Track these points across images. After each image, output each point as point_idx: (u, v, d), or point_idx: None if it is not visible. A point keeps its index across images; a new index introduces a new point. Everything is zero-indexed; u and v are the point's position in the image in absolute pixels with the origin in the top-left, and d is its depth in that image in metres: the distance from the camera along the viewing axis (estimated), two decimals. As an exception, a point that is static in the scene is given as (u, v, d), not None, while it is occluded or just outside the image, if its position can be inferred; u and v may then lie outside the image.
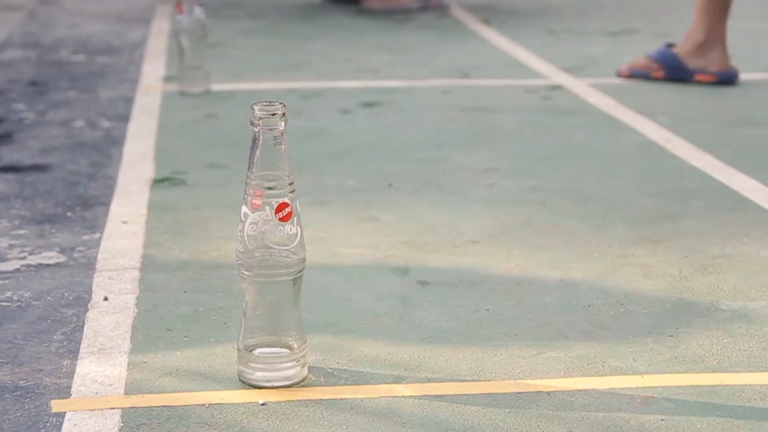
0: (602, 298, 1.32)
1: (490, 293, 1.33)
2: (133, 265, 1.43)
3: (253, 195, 1.06)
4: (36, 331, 1.23)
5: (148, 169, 1.88)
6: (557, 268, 1.43)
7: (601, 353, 1.17)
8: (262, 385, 1.09)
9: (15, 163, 1.94)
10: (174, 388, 1.09)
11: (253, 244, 1.06)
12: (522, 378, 1.11)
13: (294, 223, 1.06)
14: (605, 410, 1.04)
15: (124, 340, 1.20)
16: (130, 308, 1.29)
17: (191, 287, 1.35)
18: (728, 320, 1.26)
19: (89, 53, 3.06)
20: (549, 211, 1.67)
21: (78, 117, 2.30)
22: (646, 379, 1.11)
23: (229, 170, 1.87)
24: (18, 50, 3.09)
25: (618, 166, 1.92)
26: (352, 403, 1.06)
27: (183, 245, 1.50)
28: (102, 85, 2.63)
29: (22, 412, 1.04)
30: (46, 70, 2.80)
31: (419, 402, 1.06)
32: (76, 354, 1.17)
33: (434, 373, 1.12)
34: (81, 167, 1.91)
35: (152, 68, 2.82)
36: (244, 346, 1.09)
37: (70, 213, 1.66)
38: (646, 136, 2.13)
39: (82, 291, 1.35)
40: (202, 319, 1.26)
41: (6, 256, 1.47)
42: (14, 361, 1.15)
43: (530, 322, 1.26)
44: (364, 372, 1.12)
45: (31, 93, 2.53)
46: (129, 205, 1.68)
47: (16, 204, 1.70)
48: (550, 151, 2.02)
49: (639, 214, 1.54)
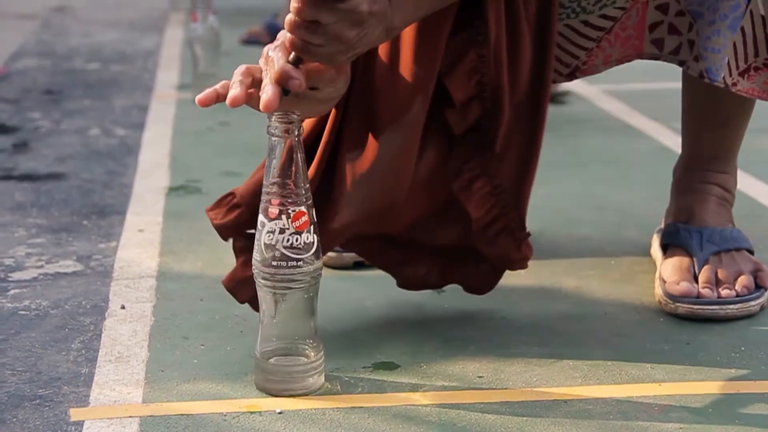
0: (618, 306, 1.32)
1: (505, 301, 1.33)
2: (149, 274, 1.43)
3: (269, 204, 1.06)
4: (54, 340, 1.24)
5: (164, 177, 1.89)
6: (572, 275, 1.43)
7: (618, 361, 1.17)
8: (280, 394, 1.09)
9: (31, 171, 1.95)
10: (191, 397, 1.09)
11: (270, 253, 1.06)
12: (539, 386, 1.11)
13: (311, 232, 1.07)
14: (623, 418, 1.04)
15: (142, 349, 1.20)
16: (147, 316, 1.29)
17: (207, 295, 1.36)
18: (746, 327, 1.26)
19: (103, 61, 3.08)
20: (563, 218, 1.66)
21: (93, 125, 2.31)
22: (664, 387, 1.11)
23: (243, 178, 1.86)
24: (32, 59, 3.10)
25: (632, 173, 1.92)
26: (370, 411, 1.06)
27: (199, 253, 1.51)
28: (116, 93, 2.64)
29: (41, 421, 1.04)
30: (61, 79, 2.82)
31: (436, 410, 1.06)
32: (94, 362, 1.17)
33: (451, 381, 1.12)
34: (96, 176, 1.92)
35: (166, 76, 2.83)
36: (261, 355, 1.10)
37: (86, 221, 1.67)
38: (660, 142, 2.13)
39: (99, 299, 1.35)
40: (219, 327, 1.26)
41: (23, 265, 1.48)
42: (32, 369, 1.16)
43: (546, 329, 1.25)
44: (380, 380, 1.13)
45: (46, 101, 2.55)
46: (145, 213, 1.69)
47: (33, 212, 1.71)
48: (564, 158, 2.02)
49: (654, 221, 1.54)
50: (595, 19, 1.24)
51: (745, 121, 1.37)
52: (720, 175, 1.38)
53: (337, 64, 1.07)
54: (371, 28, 1.03)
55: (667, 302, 1.28)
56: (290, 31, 1.02)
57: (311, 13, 1.00)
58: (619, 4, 1.22)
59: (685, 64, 1.24)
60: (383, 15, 1.04)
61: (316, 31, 1.01)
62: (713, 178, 1.38)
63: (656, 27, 1.24)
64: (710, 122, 1.37)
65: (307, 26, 1.01)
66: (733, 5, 1.19)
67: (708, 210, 1.36)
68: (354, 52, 1.05)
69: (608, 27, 1.24)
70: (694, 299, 1.27)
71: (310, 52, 1.03)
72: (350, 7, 1.01)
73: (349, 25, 1.02)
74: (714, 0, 1.20)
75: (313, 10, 1.00)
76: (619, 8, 1.22)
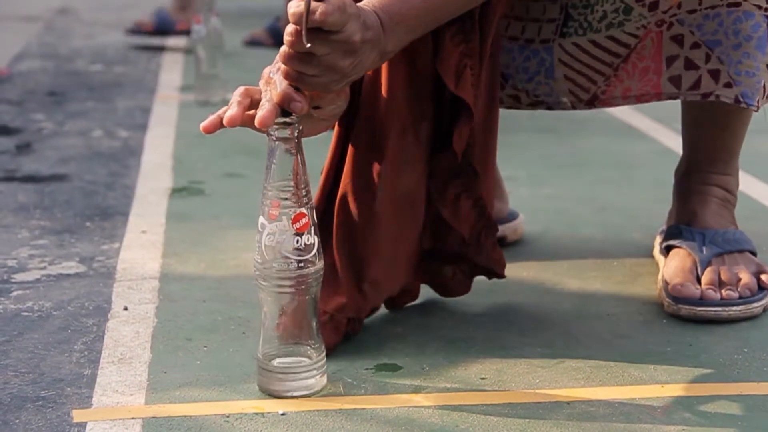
0: (621, 307, 1.32)
1: (508, 302, 1.33)
2: (152, 275, 1.43)
3: (270, 206, 1.06)
4: (57, 341, 1.24)
5: (166, 178, 1.89)
6: (575, 276, 1.43)
7: (620, 363, 1.17)
8: (282, 395, 1.09)
9: (34, 173, 1.95)
10: (194, 398, 1.09)
11: (271, 254, 1.06)
12: (542, 387, 1.11)
13: (311, 233, 1.07)
14: (626, 420, 1.04)
15: (144, 350, 1.20)
16: (150, 318, 1.29)
17: (210, 297, 1.36)
18: (748, 329, 1.26)
19: (106, 63, 3.08)
20: (566, 220, 1.66)
21: (96, 127, 2.31)
22: (667, 388, 1.11)
23: (246, 180, 1.88)
24: (35, 60, 3.11)
25: (635, 174, 1.92)
26: (372, 413, 1.06)
27: (201, 255, 1.51)
28: (119, 94, 2.65)
29: (44, 422, 1.05)
30: (64, 81, 2.82)
31: (439, 412, 1.06)
32: (97, 364, 1.17)
33: (453, 382, 1.12)
34: (99, 177, 1.92)
35: (169, 78, 2.83)
36: (263, 356, 1.10)
37: (89, 223, 1.67)
38: (662, 143, 2.13)
39: (102, 301, 1.35)
40: (222, 328, 1.26)
41: (26, 266, 1.48)
42: (35, 371, 1.16)
43: (549, 331, 1.25)
44: (383, 381, 1.13)
45: (49, 103, 2.55)
46: (147, 214, 1.69)
47: (36, 214, 1.71)
48: (567, 159, 2.02)
49: (657, 222, 1.54)
50: (604, 41, 1.24)
51: (745, 125, 1.36)
52: (721, 177, 1.38)
53: (332, 92, 1.08)
54: (365, 55, 1.05)
55: (670, 304, 1.28)
56: (284, 63, 1.04)
57: (304, 45, 1.01)
58: (628, 29, 1.22)
59: (712, 94, 1.22)
60: (376, 41, 1.06)
61: (311, 62, 1.03)
62: (715, 180, 1.38)
63: (673, 61, 1.23)
64: (710, 127, 1.37)
65: (301, 57, 1.03)
66: (753, 25, 1.19)
67: (710, 212, 1.36)
68: (349, 79, 1.07)
69: (623, 54, 1.24)
70: (697, 301, 1.27)
71: (305, 82, 1.04)
72: (344, 38, 1.02)
73: (342, 55, 1.03)
74: (732, 23, 1.19)
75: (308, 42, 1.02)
76: (630, 34, 1.22)
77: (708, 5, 1.20)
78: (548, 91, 1.30)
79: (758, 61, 1.20)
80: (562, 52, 1.27)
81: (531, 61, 1.30)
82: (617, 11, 1.22)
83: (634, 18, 1.22)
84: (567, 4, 1.27)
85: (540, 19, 1.29)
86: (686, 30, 1.21)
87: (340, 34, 1.02)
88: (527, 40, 1.30)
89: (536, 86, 1.30)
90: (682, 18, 1.21)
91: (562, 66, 1.27)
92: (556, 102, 1.30)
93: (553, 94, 1.29)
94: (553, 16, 1.28)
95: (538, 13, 1.29)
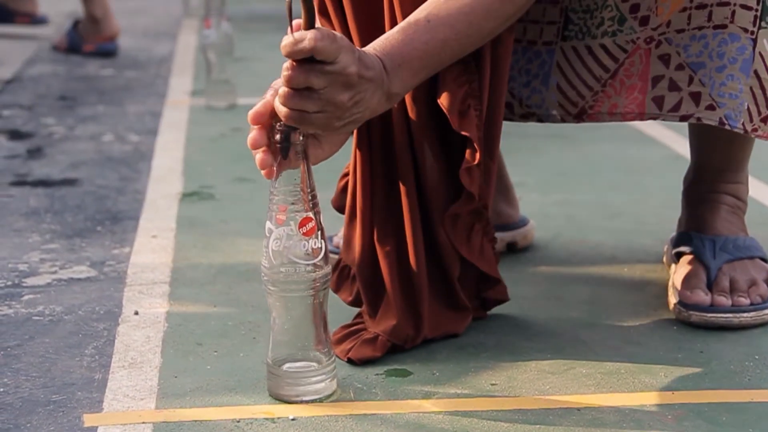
0: (631, 314, 1.32)
1: (518, 308, 1.33)
2: (162, 280, 1.44)
3: (277, 210, 1.06)
4: (68, 346, 1.24)
5: (177, 183, 1.89)
6: (585, 282, 1.42)
7: (631, 369, 1.16)
8: (292, 400, 1.09)
9: (45, 177, 1.96)
10: (205, 403, 1.09)
11: (278, 259, 1.06)
12: (552, 394, 1.11)
13: (318, 238, 1.07)
14: (636, 427, 1.04)
15: (155, 355, 1.21)
16: (161, 322, 1.30)
17: (220, 301, 1.36)
18: (760, 336, 1.25)
19: (117, 68, 3.09)
20: (576, 225, 1.66)
21: (106, 131, 2.32)
22: (678, 395, 1.11)
23: (256, 184, 1.88)
24: (46, 65, 3.12)
25: (645, 180, 1.92)
26: (382, 418, 1.06)
27: (212, 259, 1.51)
28: (130, 99, 2.65)
29: (55, 426, 1.05)
30: (75, 85, 2.83)
31: (449, 417, 1.06)
32: (108, 368, 1.17)
33: (463, 388, 1.12)
34: (110, 181, 1.93)
35: (179, 82, 2.84)
36: (272, 361, 1.10)
37: (99, 227, 1.67)
38: (673, 150, 2.13)
39: (113, 305, 1.36)
40: (232, 333, 1.26)
41: (37, 271, 1.49)
42: (46, 375, 1.16)
43: (559, 337, 1.25)
44: (393, 387, 1.13)
45: (60, 107, 2.56)
46: (158, 219, 1.70)
47: (47, 218, 1.72)
48: (577, 165, 2.02)
49: (667, 228, 1.53)
50: (597, 49, 1.24)
51: (751, 139, 1.36)
52: (731, 186, 1.37)
53: (333, 132, 1.09)
54: (365, 93, 1.06)
55: (681, 310, 1.28)
56: (284, 104, 1.05)
57: (303, 78, 1.03)
58: (619, 40, 1.22)
59: (692, 116, 1.22)
60: (379, 81, 1.07)
61: (311, 97, 1.04)
62: (724, 188, 1.37)
63: (658, 81, 1.23)
64: (716, 140, 1.37)
65: (300, 94, 1.04)
66: (738, 47, 1.18)
67: (720, 218, 1.36)
68: (351, 118, 1.07)
69: (611, 69, 1.24)
70: (708, 307, 1.26)
71: (307, 120, 1.05)
72: (339, 69, 1.03)
73: (341, 87, 1.04)
74: (717, 45, 1.19)
75: (304, 75, 1.03)
76: (620, 47, 1.23)
77: (695, 26, 1.20)
78: (539, 102, 1.30)
79: (742, 83, 1.19)
80: (561, 56, 1.27)
81: (533, 63, 1.30)
82: (613, 20, 1.23)
83: (626, 30, 1.22)
84: (567, 7, 1.27)
85: (540, 21, 1.30)
86: (673, 50, 1.21)
87: (335, 65, 1.03)
88: (530, 42, 1.31)
89: (531, 93, 1.30)
90: (670, 37, 1.21)
91: (558, 72, 1.28)
92: (546, 115, 1.30)
93: (543, 105, 1.30)
94: (554, 19, 1.28)
95: (538, 15, 1.30)
